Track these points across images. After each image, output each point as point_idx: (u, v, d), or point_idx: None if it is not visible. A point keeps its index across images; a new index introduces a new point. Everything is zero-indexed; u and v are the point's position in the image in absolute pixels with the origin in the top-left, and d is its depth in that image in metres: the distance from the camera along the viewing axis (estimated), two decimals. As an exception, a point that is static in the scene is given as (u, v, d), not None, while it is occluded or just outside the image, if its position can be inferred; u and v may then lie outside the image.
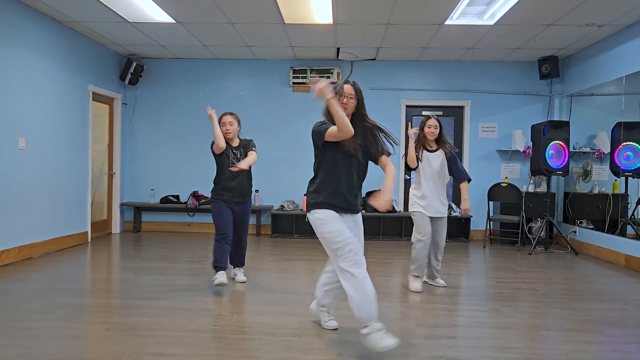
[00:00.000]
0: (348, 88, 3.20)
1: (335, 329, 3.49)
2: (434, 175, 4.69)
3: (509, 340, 3.35)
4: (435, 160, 4.70)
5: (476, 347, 3.22)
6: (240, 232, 4.84)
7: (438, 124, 4.72)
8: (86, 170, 7.19)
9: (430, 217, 4.68)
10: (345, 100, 3.16)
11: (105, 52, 7.71)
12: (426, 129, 4.71)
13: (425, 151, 4.73)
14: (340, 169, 3.16)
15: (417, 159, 4.69)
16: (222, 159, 4.70)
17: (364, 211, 3.27)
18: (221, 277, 4.52)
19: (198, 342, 3.22)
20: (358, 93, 3.22)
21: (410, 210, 4.77)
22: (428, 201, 4.66)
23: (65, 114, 6.66)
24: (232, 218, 4.70)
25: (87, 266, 5.77)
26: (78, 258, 6.11)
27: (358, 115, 3.24)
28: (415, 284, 4.70)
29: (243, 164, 4.42)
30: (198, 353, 3.03)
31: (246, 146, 4.78)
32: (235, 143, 4.79)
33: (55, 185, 6.46)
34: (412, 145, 4.65)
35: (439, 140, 4.76)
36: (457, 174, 4.77)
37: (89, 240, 7.29)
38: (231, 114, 4.81)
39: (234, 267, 5.02)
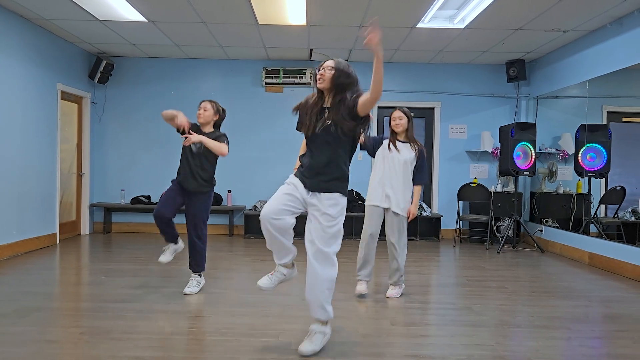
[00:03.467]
0: (329, 62, 3.09)
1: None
2: (395, 167, 4.35)
3: (481, 338, 3.45)
4: (401, 155, 4.36)
5: (450, 345, 3.32)
6: (189, 228, 4.46)
7: (403, 115, 4.39)
8: (54, 170, 7.05)
9: (382, 209, 4.41)
10: (322, 72, 3.05)
11: (74, 50, 7.56)
12: (392, 122, 4.42)
13: (397, 142, 4.41)
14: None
15: (389, 148, 4.39)
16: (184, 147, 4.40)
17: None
18: (165, 254, 4.46)
19: (176, 344, 3.22)
20: (339, 65, 3.07)
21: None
22: (379, 190, 4.39)
23: (33, 113, 6.52)
24: (177, 201, 4.36)
25: (57, 268, 5.67)
26: (47, 260, 5.99)
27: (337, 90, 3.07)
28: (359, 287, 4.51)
29: (197, 137, 4.16)
30: (176, 356, 3.03)
31: (216, 138, 4.36)
32: (207, 130, 4.45)
33: (23, 185, 6.32)
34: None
35: (408, 135, 4.45)
36: (416, 175, 4.45)
37: (58, 241, 7.14)
38: (210, 101, 4.48)
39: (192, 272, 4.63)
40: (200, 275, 4.64)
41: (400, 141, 4.44)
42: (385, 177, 4.39)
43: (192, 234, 4.49)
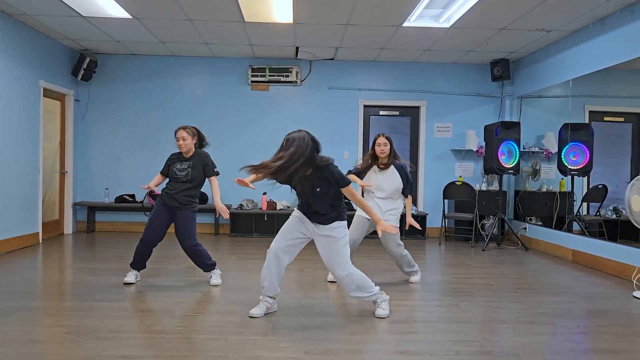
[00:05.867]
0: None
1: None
2: (381, 192, 4.72)
3: (469, 334, 3.48)
4: (386, 181, 4.70)
5: (438, 342, 3.34)
6: (184, 241, 4.61)
7: (388, 142, 4.71)
8: (37, 168, 6.94)
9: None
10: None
11: (57, 47, 7.45)
12: (377, 148, 4.70)
13: (377, 172, 4.74)
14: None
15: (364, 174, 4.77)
16: (169, 169, 4.66)
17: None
18: (129, 276, 4.69)
19: (164, 343, 3.19)
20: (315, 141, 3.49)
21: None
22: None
23: (15, 110, 6.41)
24: (166, 223, 4.61)
25: (40, 268, 5.60)
26: (30, 260, 5.90)
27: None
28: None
29: (224, 210, 4.59)
30: (164, 354, 3.00)
31: (199, 163, 4.64)
32: (189, 155, 4.63)
33: (4, 184, 6.21)
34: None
35: (390, 156, 4.74)
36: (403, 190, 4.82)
37: (40, 241, 7.04)
38: (184, 128, 4.61)
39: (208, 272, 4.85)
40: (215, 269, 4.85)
41: (380, 167, 4.75)
42: (376, 205, 4.69)
43: (189, 245, 4.62)
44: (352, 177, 4.75)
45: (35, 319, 3.64)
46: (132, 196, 8.16)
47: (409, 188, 4.82)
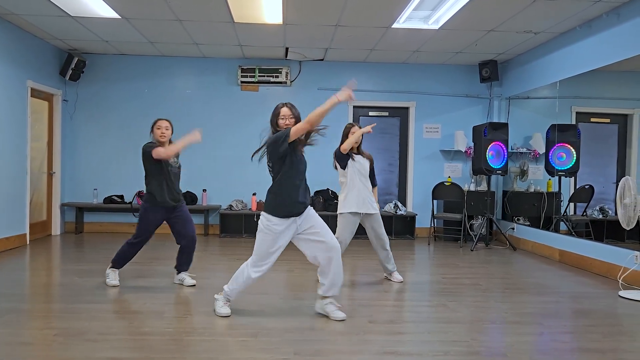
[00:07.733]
0: (285, 110, 3.78)
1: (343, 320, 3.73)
2: (364, 174, 4.94)
3: (457, 334, 3.51)
4: (363, 162, 4.99)
5: (427, 342, 3.36)
6: (191, 230, 4.71)
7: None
8: (24, 169, 6.89)
9: (363, 214, 4.91)
10: (286, 122, 3.73)
11: (45, 47, 7.40)
12: (351, 136, 4.97)
13: (355, 154, 5.01)
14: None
15: (350, 157, 4.95)
16: (162, 167, 4.57)
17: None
18: (114, 279, 4.71)
19: (153, 344, 3.18)
20: (294, 112, 3.83)
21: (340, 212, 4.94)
22: (360, 198, 4.87)
23: (2, 110, 6.35)
24: (158, 226, 4.65)
25: (27, 269, 5.55)
26: (17, 261, 5.86)
27: None
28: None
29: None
30: (154, 356, 3.00)
31: (177, 156, 4.78)
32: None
33: (-9, 185, 6.17)
34: (359, 133, 4.92)
35: (359, 148, 5.10)
36: (372, 180, 5.11)
37: (28, 242, 6.98)
38: (167, 120, 4.70)
39: (178, 272, 4.83)
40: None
41: (356, 153, 5.05)
42: (362, 187, 4.91)
43: (194, 237, 4.75)
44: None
45: (23, 321, 3.61)
46: (121, 197, 8.12)
47: (375, 179, 5.19)
